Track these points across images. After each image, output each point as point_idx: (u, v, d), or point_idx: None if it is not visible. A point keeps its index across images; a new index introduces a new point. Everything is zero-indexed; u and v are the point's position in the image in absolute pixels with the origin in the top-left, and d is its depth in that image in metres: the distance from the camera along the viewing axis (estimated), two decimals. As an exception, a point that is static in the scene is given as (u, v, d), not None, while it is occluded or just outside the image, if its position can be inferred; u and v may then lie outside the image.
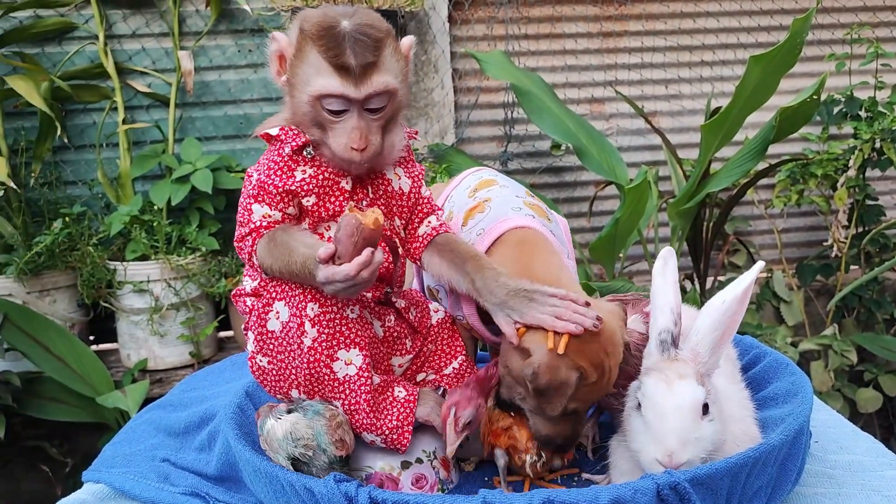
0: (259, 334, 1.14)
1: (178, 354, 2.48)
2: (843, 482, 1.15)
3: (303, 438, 1.05)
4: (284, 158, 1.13)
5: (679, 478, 0.91)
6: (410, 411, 1.15)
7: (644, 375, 0.98)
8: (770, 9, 3.05)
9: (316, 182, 1.14)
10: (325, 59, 1.07)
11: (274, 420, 1.07)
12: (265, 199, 1.12)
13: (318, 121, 1.11)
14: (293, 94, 1.12)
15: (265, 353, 1.15)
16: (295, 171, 1.13)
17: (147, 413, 1.54)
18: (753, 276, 0.97)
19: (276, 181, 1.12)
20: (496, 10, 2.90)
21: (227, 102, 2.76)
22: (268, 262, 1.10)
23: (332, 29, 1.07)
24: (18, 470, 2.53)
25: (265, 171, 1.13)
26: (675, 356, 0.98)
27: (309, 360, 1.11)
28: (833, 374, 2.70)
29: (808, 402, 1.13)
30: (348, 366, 1.12)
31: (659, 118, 3.05)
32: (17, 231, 2.43)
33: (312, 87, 1.08)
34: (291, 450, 1.04)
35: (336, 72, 1.07)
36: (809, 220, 3.17)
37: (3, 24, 2.56)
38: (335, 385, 1.12)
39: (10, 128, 2.59)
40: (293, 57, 1.11)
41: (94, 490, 1.27)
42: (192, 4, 2.70)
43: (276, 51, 1.13)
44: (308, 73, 1.09)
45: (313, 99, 1.09)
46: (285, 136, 1.13)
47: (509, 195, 1.35)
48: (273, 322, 1.13)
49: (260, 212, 1.11)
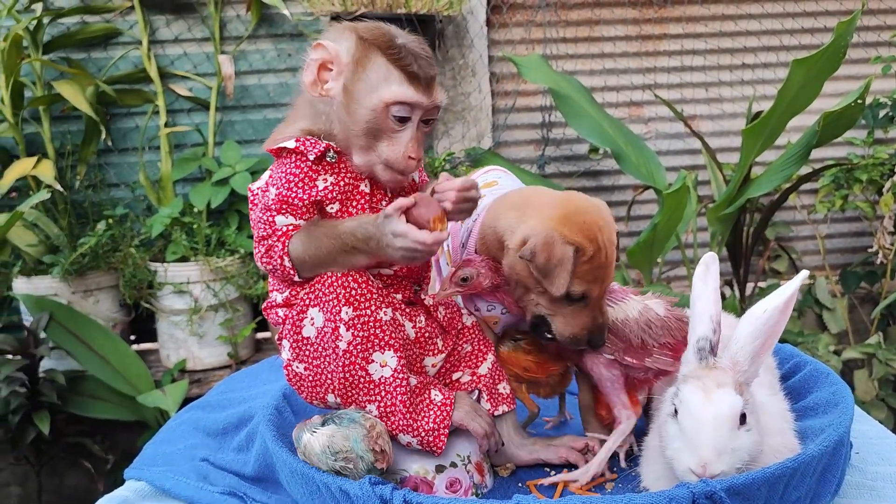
0: (295, 341, 1.15)
1: (216, 355, 2.51)
2: (885, 494, 1.13)
3: (341, 451, 1.04)
4: (304, 169, 1.12)
5: (715, 487, 0.90)
6: (447, 414, 1.16)
7: (681, 382, 0.97)
8: (814, 10, 3.00)
9: (338, 188, 1.14)
10: (396, 67, 1.10)
11: (309, 434, 1.07)
12: (289, 211, 1.12)
13: (378, 129, 1.12)
14: (350, 101, 1.12)
15: (301, 359, 1.16)
16: (317, 181, 1.13)
17: (186, 413, 1.56)
18: (796, 286, 0.96)
19: (300, 193, 1.12)
20: (534, 14, 2.90)
21: (267, 106, 2.80)
22: (303, 256, 1.11)
23: (397, 40, 1.11)
24: (62, 465, 2.59)
25: (286, 185, 1.12)
26: (713, 364, 0.96)
27: (344, 364, 1.12)
28: (877, 384, 2.65)
29: (848, 413, 1.11)
30: (383, 367, 1.13)
31: (699, 122, 3.02)
32: (63, 232, 2.49)
33: (383, 93, 1.10)
34: (332, 464, 1.04)
35: (408, 80, 1.10)
36: (854, 226, 3.11)
37: (51, 30, 2.62)
38: (371, 387, 1.13)
39: (57, 131, 2.66)
40: (354, 64, 1.11)
41: (135, 487, 1.29)
42: (232, 10, 2.74)
43: (320, 59, 1.13)
44: (375, 80, 1.10)
45: (384, 105, 1.11)
46: (304, 145, 1.12)
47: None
48: (308, 328, 1.14)
49: (284, 221, 1.12)
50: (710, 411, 0.92)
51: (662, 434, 0.97)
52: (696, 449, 0.92)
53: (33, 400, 2.29)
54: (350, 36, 1.13)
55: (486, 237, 1.25)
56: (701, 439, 0.91)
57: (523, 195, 1.26)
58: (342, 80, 1.12)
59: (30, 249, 2.43)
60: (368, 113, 1.11)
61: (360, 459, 1.05)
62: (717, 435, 0.91)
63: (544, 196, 1.23)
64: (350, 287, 1.11)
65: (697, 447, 0.91)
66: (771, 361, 1.25)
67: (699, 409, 0.92)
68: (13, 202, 2.56)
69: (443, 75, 2.79)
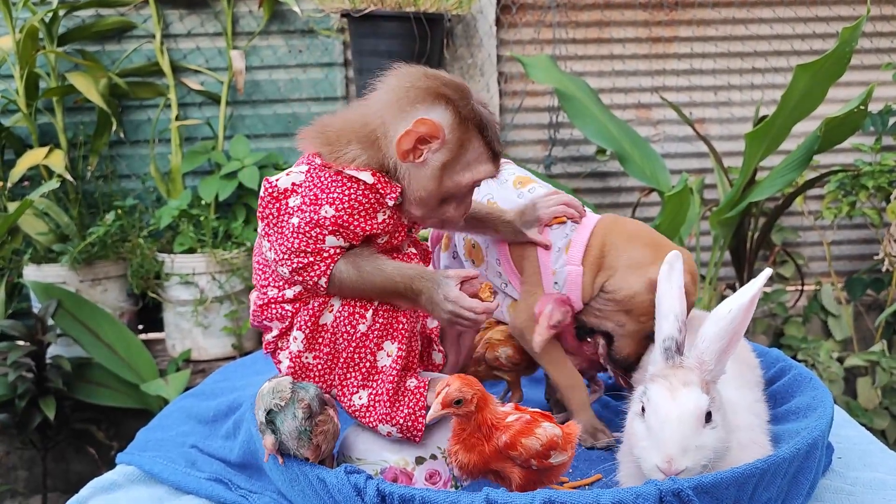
0: (311, 331, 1.17)
1: (221, 346, 2.55)
2: (863, 500, 1.13)
3: (282, 392, 1.06)
4: (371, 201, 1.14)
5: (683, 485, 0.92)
6: (422, 395, 1.18)
7: (649, 381, 0.98)
8: (825, 16, 2.98)
9: (391, 225, 1.18)
10: (486, 148, 1.17)
11: (267, 382, 1.10)
12: (344, 235, 1.14)
13: (454, 197, 1.19)
14: (444, 176, 1.16)
15: (313, 348, 1.18)
16: (377, 214, 1.16)
17: (181, 401, 1.59)
18: (759, 285, 0.97)
19: (361, 223, 1.14)
20: (543, 14, 2.91)
21: (277, 101, 2.83)
22: (344, 282, 1.14)
23: (486, 118, 1.17)
24: (68, 451, 2.64)
25: (348, 212, 1.13)
26: (679, 363, 0.98)
27: (357, 346, 1.16)
28: (881, 392, 2.63)
29: (825, 417, 1.12)
30: (388, 357, 1.17)
31: (708, 125, 3.01)
32: (73, 221, 2.53)
33: (476, 174, 1.18)
34: (269, 401, 1.06)
35: (492, 159, 1.19)
36: (861, 233, 3.09)
37: (66, 22, 2.67)
38: (372, 373, 1.17)
39: (70, 122, 2.70)
40: (456, 146, 1.15)
41: (125, 472, 1.32)
42: (245, 6, 2.77)
43: (422, 134, 1.13)
44: (472, 160, 1.17)
45: (473, 182, 1.18)
46: (382, 187, 1.15)
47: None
48: (326, 315, 1.17)
49: (334, 243, 1.14)
50: (676, 409, 0.93)
51: (630, 432, 0.99)
52: (661, 446, 0.93)
53: (40, 386, 2.33)
54: (447, 110, 1.14)
55: (603, 257, 1.35)
56: (666, 436, 0.93)
57: (654, 235, 1.39)
58: (441, 157, 1.15)
59: (40, 238, 2.47)
60: (458, 188, 1.17)
61: (291, 415, 1.06)
62: (682, 432, 0.93)
63: (666, 240, 1.38)
64: None
65: (663, 444, 0.93)
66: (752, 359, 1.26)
67: (665, 407, 0.94)
68: (25, 191, 2.61)
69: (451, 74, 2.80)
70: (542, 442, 1.01)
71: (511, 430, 1.02)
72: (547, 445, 1.01)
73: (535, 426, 1.02)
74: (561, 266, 1.36)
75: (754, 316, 2.75)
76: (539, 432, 1.02)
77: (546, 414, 1.07)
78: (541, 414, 1.06)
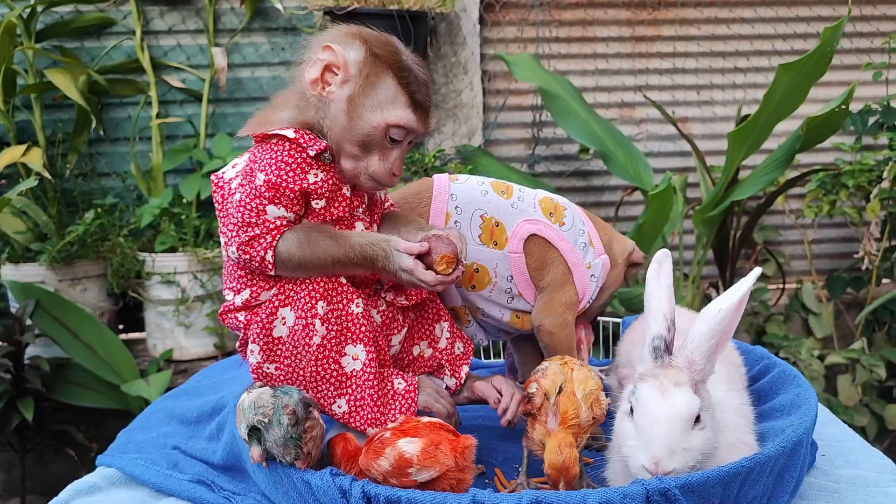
0: (265, 344, 1.15)
1: (202, 346, 2.52)
2: (846, 497, 1.14)
3: (263, 407, 1.04)
4: (297, 159, 1.13)
5: (670, 484, 0.91)
6: (412, 401, 1.17)
7: (639, 381, 0.97)
8: (807, 16, 3.00)
9: (326, 186, 1.16)
10: (404, 92, 1.15)
11: (246, 393, 1.07)
12: (281, 201, 1.12)
13: (372, 143, 1.16)
14: (353, 112, 1.14)
15: (273, 359, 1.16)
16: (308, 174, 1.14)
17: (162, 402, 1.57)
18: (749, 285, 0.97)
19: (291, 183, 1.12)
20: (527, 13, 2.90)
21: (259, 99, 2.80)
22: (294, 255, 1.12)
23: (406, 61, 1.16)
24: (47, 453, 2.60)
25: (276, 171, 1.12)
26: (669, 363, 0.97)
27: (318, 358, 1.13)
28: (861, 389, 2.66)
29: (809, 415, 1.12)
30: (355, 361, 1.15)
31: (690, 124, 3.02)
32: (52, 220, 2.49)
33: (388, 115, 1.14)
34: (252, 417, 1.04)
35: (412, 107, 1.16)
36: (841, 232, 3.12)
37: (44, 18, 2.63)
38: (343, 380, 1.15)
39: (49, 119, 2.67)
40: (363, 79, 1.14)
41: (105, 474, 1.30)
42: (227, 2, 2.75)
43: (327, 61, 1.14)
44: (383, 100, 1.15)
45: (385, 125, 1.15)
46: (304, 139, 1.13)
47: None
48: (279, 328, 1.15)
49: (276, 213, 1.12)
50: (665, 410, 0.93)
51: (619, 431, 0.98)
52: (649, 446, 0.93)
53: (18, 386, 2.30)
54: (361, 47, 1.15)
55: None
56: (655, 437, 0.92)
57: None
58: (348, 90, 1.15)
59: (18, 237, 2.44)
60: (369, 128, 1.15)
61: (277, 424, 1.03)
62: (671, 434, 0.92)
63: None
64: (322, 282, 1.14)
65: (651, 445, 0.92)
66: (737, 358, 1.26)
67: (655, 407, 0.93)
68: (3, 189, 2.57)
69: (434, 72, 2.80)
70: (390, 462, 1.02)
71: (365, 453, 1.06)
72: (396, 465, 1.02)
73: (388, 446, 1.03)
74: (593, 259, 1.43)
75: (736, 314, 2.76)
76: (388, 452, 1.03)
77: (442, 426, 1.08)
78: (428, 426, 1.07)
